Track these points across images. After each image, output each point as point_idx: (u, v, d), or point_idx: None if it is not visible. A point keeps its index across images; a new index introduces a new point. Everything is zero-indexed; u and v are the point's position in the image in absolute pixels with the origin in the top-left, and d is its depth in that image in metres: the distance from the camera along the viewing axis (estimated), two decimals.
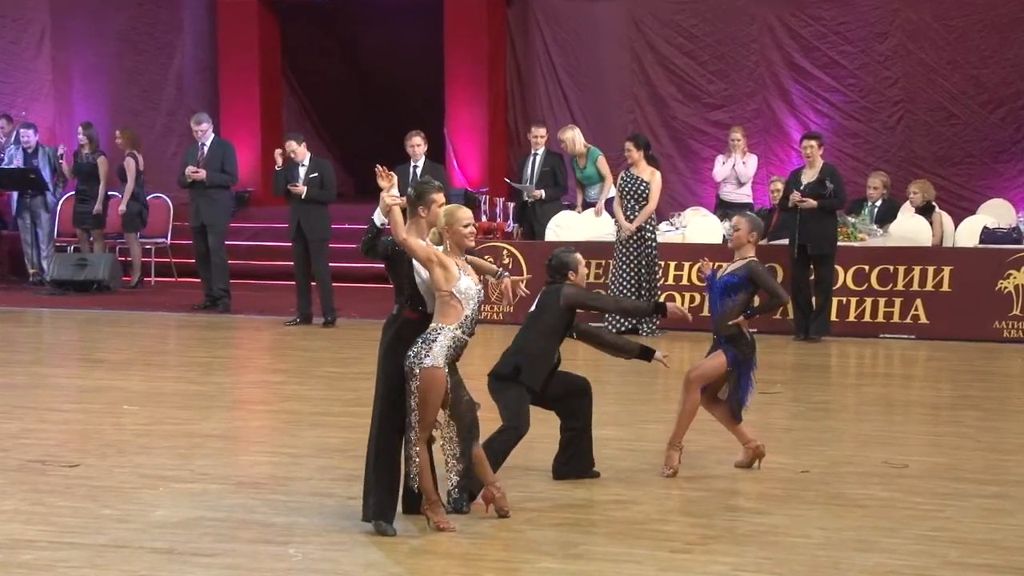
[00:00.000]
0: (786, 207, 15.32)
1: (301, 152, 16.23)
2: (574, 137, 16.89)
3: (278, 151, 16.41)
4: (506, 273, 8.30)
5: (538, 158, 17.08)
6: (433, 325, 7.70)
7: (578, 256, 8.96)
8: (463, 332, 7.69)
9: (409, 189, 8.03)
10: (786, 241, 15.25)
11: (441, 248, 7.81)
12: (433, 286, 7.72)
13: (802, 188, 15.05)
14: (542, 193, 16.85)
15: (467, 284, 7.70)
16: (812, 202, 14.93)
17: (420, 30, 22.37)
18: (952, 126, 19.17)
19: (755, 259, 9.23)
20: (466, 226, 7.81)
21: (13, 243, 20.77)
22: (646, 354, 9.21)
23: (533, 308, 8.93)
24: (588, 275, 15.88)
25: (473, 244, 7.92)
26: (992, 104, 19.05)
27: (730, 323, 9.11)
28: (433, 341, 7.64)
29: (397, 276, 7.94)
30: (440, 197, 7.92)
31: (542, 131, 17.25)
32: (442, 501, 7.95)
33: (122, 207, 19.57)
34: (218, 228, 17.50)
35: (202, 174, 17.32)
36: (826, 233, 15.01)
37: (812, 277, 15.07)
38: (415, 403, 7.66)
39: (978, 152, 19.12)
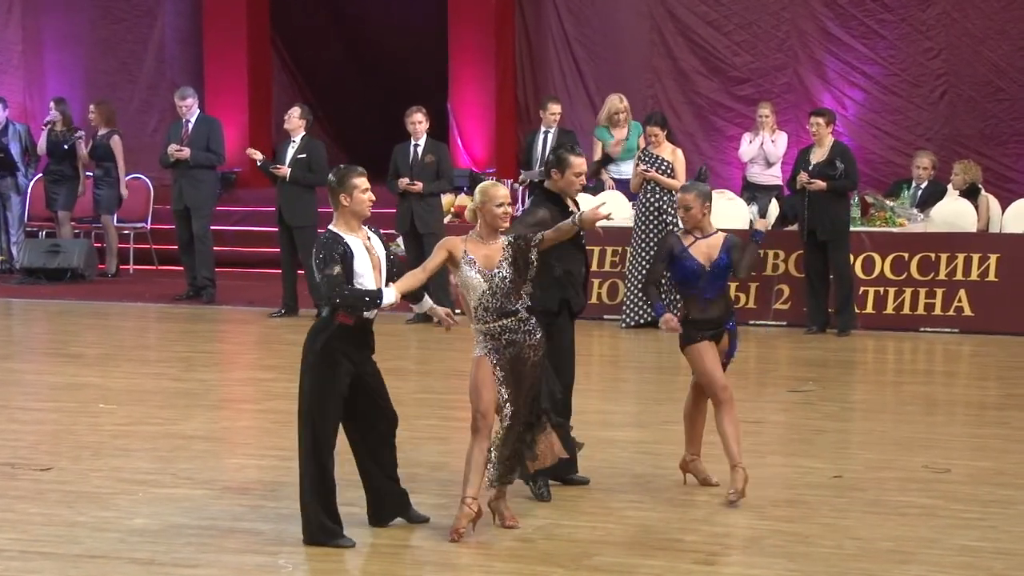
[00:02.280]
0: (794, 189, 15.40)
1: (294, 125, 16.27)
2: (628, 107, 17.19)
3: (250, 149, 16.53)
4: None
5: (550, 136, 17.09)
6: None
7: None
8: (479, 322, 7.94)
9: (331, 177, 8.02)
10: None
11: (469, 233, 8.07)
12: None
13: (810, 168, 15.10)
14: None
15: (467, 274, 7.94)
16: (821, 184, 14.97)
17: None
18: (999, 101, 19.14)
19: (727, 234, 9.07)
20: (499, 206, 8.01)
21: None
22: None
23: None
24: (604, 264, 16.14)
25: (507, 226, 8.07)
26: None
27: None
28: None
29: None
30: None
31: (558, 108, 17.27)
32: (473, 508, 7.96)
33: (123, 190, 19.60)
34: (203, 212, 17.52)
35: (186, 153, 17.34)
36: (836, 217, 15.05)
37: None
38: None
39: None
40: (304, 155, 16.20)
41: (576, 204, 8.93)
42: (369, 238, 7.89)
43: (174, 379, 12.90)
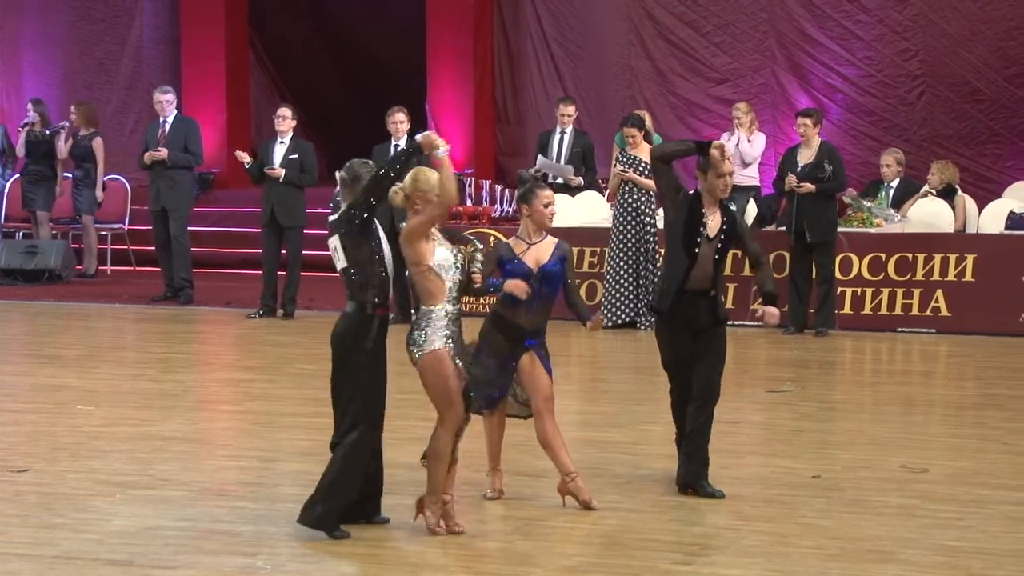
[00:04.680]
0: (782, 190, 15.39)
1: (288, 126, 16.25)
2: None
3: (239, 152, 16.49)
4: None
5: (566, 137, 17.04)
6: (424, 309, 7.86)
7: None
8: (450, 303, 7.88)
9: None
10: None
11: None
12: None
13: (798, 170, 15.11)
14: (581, 180, 16.85)
15: (443, 254, 7.88)
16: (810, 186, 14.99)
17: None
18: (977, 102, 19.18)
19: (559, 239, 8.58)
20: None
21: None
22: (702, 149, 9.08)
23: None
24: (583, 264, 16.14)
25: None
26: (1020, 79, 19.05)
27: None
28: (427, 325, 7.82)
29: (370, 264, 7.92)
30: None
31: (571, 108, 17.20)
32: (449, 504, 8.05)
33: (99, 192, 19.60)
34: (180, 213, 17.48)
35: (163, 153, 17.29)
36: (826, 219, 15.07)
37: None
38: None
39: (1005, 130, 19.14)
40: (296, 155, 16.20)
41: (720, 205, 9.05)
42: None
43: (152, 380, 12.87)
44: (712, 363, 8.87)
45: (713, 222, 8.94)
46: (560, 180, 16.82)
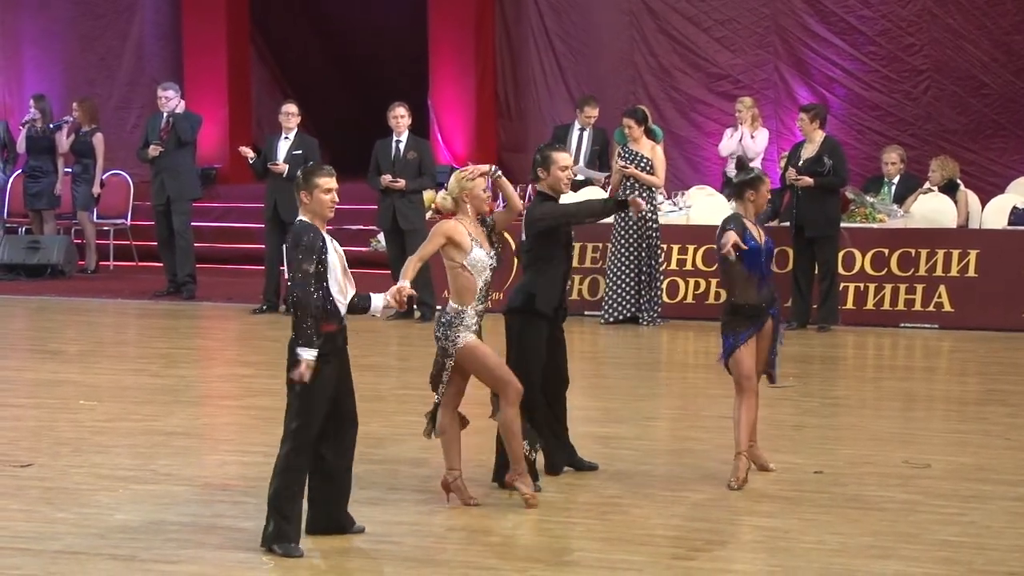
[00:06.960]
0: (784, 185, 15.43)
1: (294, 123, 16.28)
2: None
3: (243, 148, 16.49)
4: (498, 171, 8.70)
5: (585, 134, 17.03)
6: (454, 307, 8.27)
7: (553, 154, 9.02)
8: (478, 303, 8.30)
9: (298, 174, 7.83)
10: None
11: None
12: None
13: (799, 165, 15.15)
14: (603, 177, 16.86)
15: (479, 255, 8.27)
16: (808, 180, 15.01)
17: None
18: (983, 96, 19.16)
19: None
20: (484, 190, 8.41)
21: None
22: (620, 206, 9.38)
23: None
24: (585, 260, 16.15)
25: (488, 209, 8.51)
26: None
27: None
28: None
29: None
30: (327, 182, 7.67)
31: (595, 111, 17.12)
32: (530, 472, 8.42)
33: (96, 188, 19.64)
34: (185, 203, 17.46)
35: (156, 151, 17.25)
36: (825, 213, 15.08)
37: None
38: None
39: (1010, 125, 19.12)
40: (300, 151, 16.21)
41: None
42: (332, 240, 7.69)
43: (154, 375, 12.89)
44: (564, 349, 9.13)
45: None
46: (581, 177, 16.81)
